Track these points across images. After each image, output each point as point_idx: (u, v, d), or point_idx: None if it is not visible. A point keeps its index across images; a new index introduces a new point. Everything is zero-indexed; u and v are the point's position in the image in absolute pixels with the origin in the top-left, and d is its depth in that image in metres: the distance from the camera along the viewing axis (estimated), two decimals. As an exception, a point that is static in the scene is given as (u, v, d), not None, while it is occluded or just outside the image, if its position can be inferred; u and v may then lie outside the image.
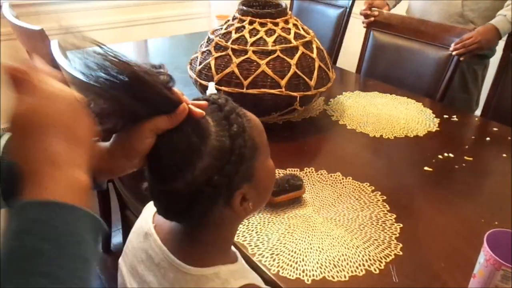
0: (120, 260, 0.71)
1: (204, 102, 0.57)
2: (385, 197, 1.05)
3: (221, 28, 1.35)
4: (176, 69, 1.79)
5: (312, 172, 1.15)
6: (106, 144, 0.53)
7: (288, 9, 1.37)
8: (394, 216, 0.99)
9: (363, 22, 1.94)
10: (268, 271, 0.83)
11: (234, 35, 1.28)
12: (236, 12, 1.36)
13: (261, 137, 0.60)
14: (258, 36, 1.26)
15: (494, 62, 1.65)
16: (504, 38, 1.61)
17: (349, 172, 1.14)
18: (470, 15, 1.76)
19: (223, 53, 1.27)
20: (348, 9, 2.11)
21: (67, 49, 1.33)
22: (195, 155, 0.53)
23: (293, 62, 1.25)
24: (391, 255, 0.87)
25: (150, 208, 0.70)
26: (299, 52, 1.27)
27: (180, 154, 0.53)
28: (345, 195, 1.06)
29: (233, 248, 0.68)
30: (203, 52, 1.35)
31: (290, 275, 0.82)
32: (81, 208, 0.38)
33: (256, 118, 0.62)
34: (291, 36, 1.28)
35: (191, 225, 0.61)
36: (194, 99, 0.59)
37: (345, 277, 0.82)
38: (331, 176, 1.13)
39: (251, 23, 1.29)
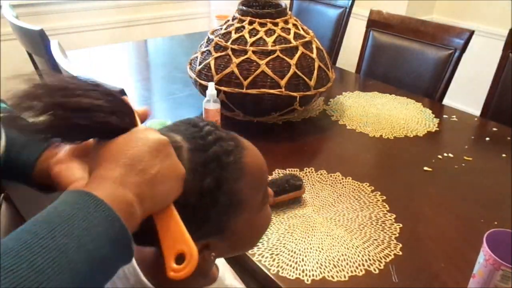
0: None
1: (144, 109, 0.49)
2: (384, 197, 1.05)
3: (221, 28, 1.35)
4: (176, 69, 1.79)
5: (312, 172, 1.15)
6: None
7: (288, 9, 1.37)
8: (394, 216, 0.99)
9: None
10: (268, 271, 0.83)
11: (234, 35, 1.28)
12: (236, 12, 1.36)
13: (252, 189, 0.51)
14: (258, 36, 1.26)
15: (494, 62, 1.65)
16: (504, 38, 1.60)
17: (349, 172, 1.14)
18: None
19: (223, 53, 1.27)
20: (348, 9, 2.11)
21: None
22: None
23: (292, 62, 1.25)
24: (390, 255, 0.87)
25: None
26: (299, 52, 1.27)
27: None
28: (345, 195, 1.06)
29: (217, 263, 0.62)
30: (203, 52, 1.35)
31: (290, 275, 0.82)
32: (112, 211, 0.37)
33: (258, 161, 0.52)
34: (290, 36, 1.28)
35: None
36: (179, 121, 0.52)
37: (345, 277, 0.82)
38: (331, 176, 1.13)
39: (251, 23, 1.30)
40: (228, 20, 1.38)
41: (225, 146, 0.48)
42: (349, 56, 2.33)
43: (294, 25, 1.33)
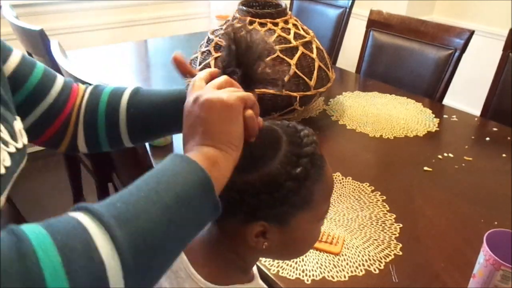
0: None
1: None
2: (385, 197, 1.05)
3: (221, 28, 1.35)
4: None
5: (312, 172, 1.15)
6: None
7: (288, 9, 1.37)
8: (394, 216, 0.99)
9: None
10: (268, 271, 0.83)
11: (234, 35, 1.28)
12: (235, 12, 1.36)
13: (321, 198, 0.55)
14: (258, 36, 1.26)
15: (494, 62, 1.65)
16: (504, 38, 1.60)
17: (349, 172, 1.14)
18: None
19: (223, 53, 1.27)
20: (348, 9, 2.12)
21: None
22: (250, 168, 0.51)
23: (293, 62, 1.25)
24: (390, 255, 0.87)
25: None
26: (299, 52, 1.27)
27: (243, 159, 0.50)
28: (345, 195, 1.06)
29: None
30: (203, 52, 1.35)
31: (290, 275, 0.82)
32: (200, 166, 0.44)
33: (332, 177, 0.58)
34: (290, 36, 1.28)
35: (209, 233, 0.59)
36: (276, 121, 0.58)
37: (345, 277, 0.82)
38: (331, 176, 1.13)
39: (250, 23, 1.29)
40: (228, 20, 1.38)
41: (318, 150, 0.55)
42: (349, 56, 2.33)
43: (294, 25, 1.33)
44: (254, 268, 0.66)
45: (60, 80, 0.69)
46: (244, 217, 0.53)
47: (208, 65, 1.29)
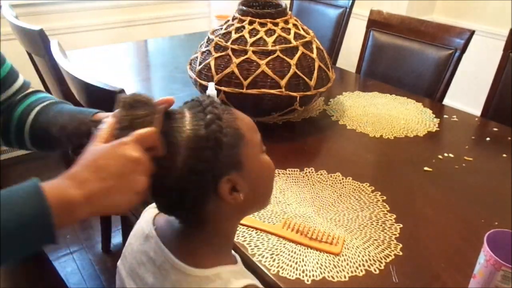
0: (119, 264, 0.71)
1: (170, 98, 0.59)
2: (385, 197, 1.05)
3: (221, 28, 1.35)
4: (176, 69, 1.79)
5: (312, 172, 1.15)
6: None
7: (288, 9, 1.36)
8: (394, 216, 0.98)
9: None
10: (268, 271, 0.83)
11: (234, 35, 1.28)
12: (236, 12, 1.36)
13: (248, 130, 0.60)
14: (258, 36, 1.26)
15: (494, 62, 1.65)
16: (504, 38, 1.60)
17: (349, 172, 1.14)
18: None
19: (223, 53, 1.27)
20: (348, 9, 2.12)
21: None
22: (172, 151, 0.54)
23: (293, 62, 1.25)
24: (391, 255, 0.87)
25: (150, 211, 0.70)
26: (299, 52, 1.27)
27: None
28: (345, 195, 1.06)
29: (233, 252, 0.69)
30: (203, 52, 1.34)
31: (290, 275, 0.82)
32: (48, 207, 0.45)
33: (245, 116, 0.62)
34: (291, 36, 1.28)
35: (190, 223, 0.62)
36: (186, 102, 0.62)
37: (345, 277, 0.82)
38: (331, 176, 1.13)
39: (251, 23, 1.29)
40: (228, 20, 1.37)
41: (217, 104, 0.59)
42: (349, 56, 2.33)
43: (294, 25, 1.33)
44: (237, 256, 0.68)
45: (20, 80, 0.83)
46: (212, 186, 0.56)
47: (208, 65, 1.29)
